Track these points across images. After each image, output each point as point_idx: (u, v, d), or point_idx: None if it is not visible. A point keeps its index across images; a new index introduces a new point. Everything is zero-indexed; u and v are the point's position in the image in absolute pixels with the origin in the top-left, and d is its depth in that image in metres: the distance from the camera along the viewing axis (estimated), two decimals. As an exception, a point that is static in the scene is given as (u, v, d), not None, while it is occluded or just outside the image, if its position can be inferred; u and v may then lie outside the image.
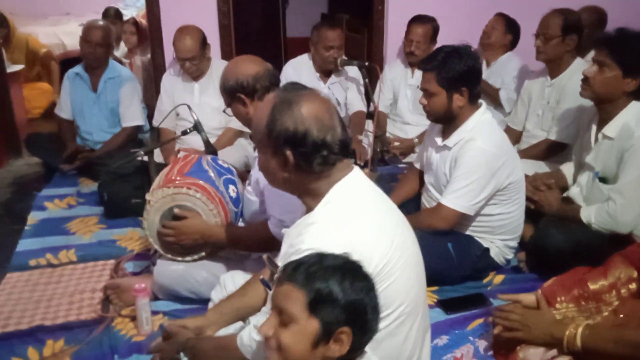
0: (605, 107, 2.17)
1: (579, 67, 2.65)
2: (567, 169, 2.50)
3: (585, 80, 2.15)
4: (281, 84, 1.89)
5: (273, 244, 1.76)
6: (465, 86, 2.08)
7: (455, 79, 2.07)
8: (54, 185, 3.35)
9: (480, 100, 2.18)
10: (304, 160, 1.26)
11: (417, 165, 2.52)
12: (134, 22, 4.60)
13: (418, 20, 3.42)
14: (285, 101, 1.27)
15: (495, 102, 3.38)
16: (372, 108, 3.39)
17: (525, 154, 2.81)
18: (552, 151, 2.81)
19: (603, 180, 2.17)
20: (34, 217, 2.93)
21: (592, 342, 1.47)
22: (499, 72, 3.43)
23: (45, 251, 2.57)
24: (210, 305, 1.75)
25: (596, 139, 2.22)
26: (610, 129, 2.13)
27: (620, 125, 2.10)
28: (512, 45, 3.45)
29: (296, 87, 1.33)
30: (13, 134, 3.86)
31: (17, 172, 3.67)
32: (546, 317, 1.60)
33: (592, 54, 2.53)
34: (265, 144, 1.29)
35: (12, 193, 3.34)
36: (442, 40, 3.44)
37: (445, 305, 2.08)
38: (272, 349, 1.05)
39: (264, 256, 1.48)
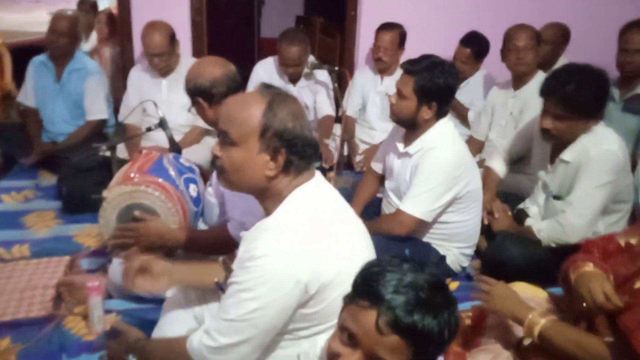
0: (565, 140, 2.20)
1: (541, 79, 2.71)
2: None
3: (546, 131, 2.15)
4: (251, 84, 1.87)
5: (232, 247, 1.75)
6: (436, 101, 2.10)
7: (431, 91, 2.08)
8: (12, 177, 3.28)
9: None
10: (294, 159, 1.26)
11: (377, 168, 2.54)
12: (110, 13, 4.53)
13: (385, 27, 3.42)
14: (280, 100, 1.26)
15: (463, 120, 3.42)
16: (340, 113, 3.40)
17: (483, 163, 2.86)
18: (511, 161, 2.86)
19: (557, 198, 2.23)
20: (-12, 210, 2.85)
21: (551, 336, 1.44)
22: (471, 90, 3.45)
23: (-3, 245, 2.51)
24: (166, 304, 1.73)
25: (552, 161, 2.25)
26: (568, 154, 2.16)
27: (578, 150, 2.13)
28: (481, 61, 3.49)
29: (275, 88, 1.32)
30: (-28, 123, 3.75)
31: (-25, 163, 3.57)
32: (514, 294, 1.58)
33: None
34: (252, 142, 1.25)
35: (-32, 184, 3.24)
36: (415, 47, 3.45)
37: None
38: None
39: (220, 259, 1.48)
